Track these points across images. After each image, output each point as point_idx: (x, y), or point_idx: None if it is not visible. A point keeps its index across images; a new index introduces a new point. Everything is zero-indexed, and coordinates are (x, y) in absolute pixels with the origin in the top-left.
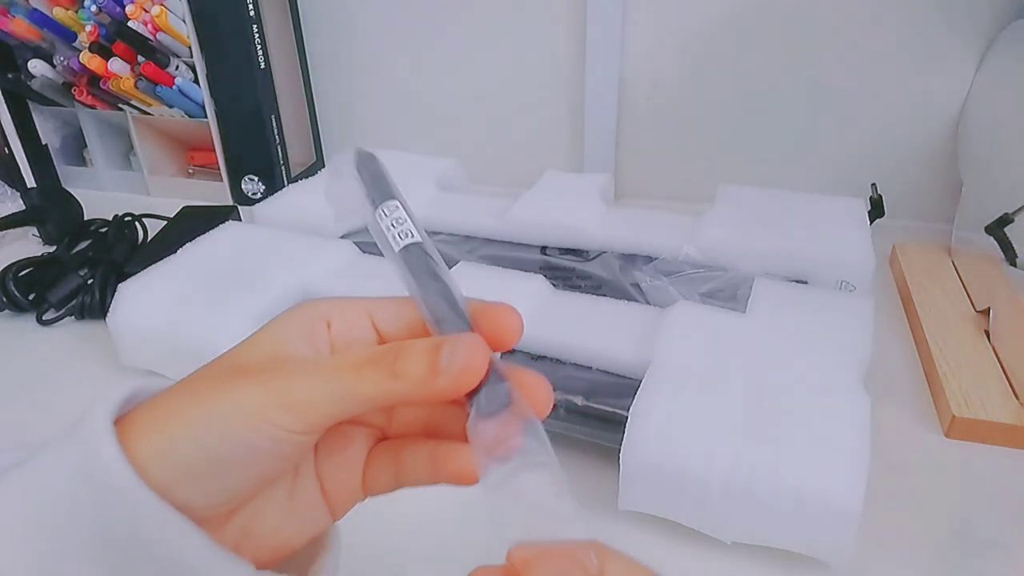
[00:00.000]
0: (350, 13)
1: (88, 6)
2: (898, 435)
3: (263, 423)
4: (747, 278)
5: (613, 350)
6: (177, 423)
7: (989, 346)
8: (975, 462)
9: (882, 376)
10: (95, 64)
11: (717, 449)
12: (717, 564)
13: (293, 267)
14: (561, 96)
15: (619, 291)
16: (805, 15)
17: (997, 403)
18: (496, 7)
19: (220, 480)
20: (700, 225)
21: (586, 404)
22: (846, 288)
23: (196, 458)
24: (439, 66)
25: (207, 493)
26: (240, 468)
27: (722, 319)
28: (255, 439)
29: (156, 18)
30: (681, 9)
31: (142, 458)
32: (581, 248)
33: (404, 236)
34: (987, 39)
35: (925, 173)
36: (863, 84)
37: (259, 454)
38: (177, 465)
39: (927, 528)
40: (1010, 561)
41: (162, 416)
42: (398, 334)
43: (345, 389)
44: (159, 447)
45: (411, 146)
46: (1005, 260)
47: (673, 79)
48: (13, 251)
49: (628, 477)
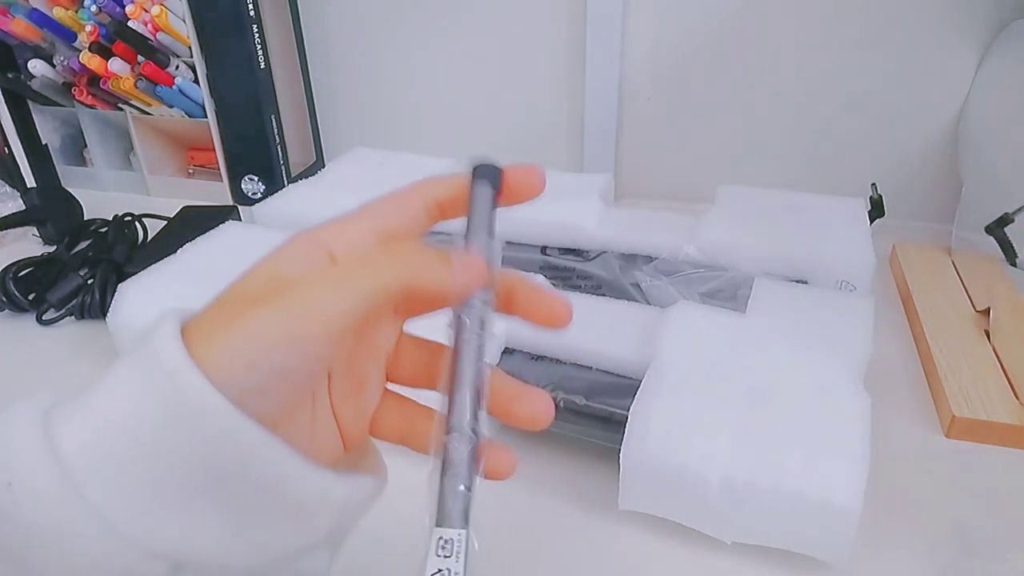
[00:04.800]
0: (350, 13)
1: (88, 6)
2: (898, 435)
3: (289, 343)
4: (747, 278)
5: (613, 350)
6: (224, 346)
7: (989, 346)
8: (975, 462)
9: (882, 376)
10: (95, 64)
11: (717, 449)
12: (717, 564)
13: None
14: (561, 96)
15: (619, 291)
16: (805, 15)
17: (997, 403)
18: (496, 7)
19: (265, 400)
20: (700, 225)
21: (586, 404)
22: (846, 288)
23: (247, 378)
24: (439, 66)
25: (258, 412)
26: (275, 388)
27: (722, 319)
28: (283, 359)
29: (156, 18)
30: (681, 9)
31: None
32: (581, 248)
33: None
34: (987, 39)
35: (925, 173)
36: (863, 84)
37: (288, 373)
38: (236, 384)
39: (927, 528)
40: (1009, 561)
41: (213, 340)
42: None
43: (357, 284)
44: (220, 370)
45: (411, 146)
46: (1005, 260)
47: (673, 79)
48: (13, 251)
49: (628, 477)
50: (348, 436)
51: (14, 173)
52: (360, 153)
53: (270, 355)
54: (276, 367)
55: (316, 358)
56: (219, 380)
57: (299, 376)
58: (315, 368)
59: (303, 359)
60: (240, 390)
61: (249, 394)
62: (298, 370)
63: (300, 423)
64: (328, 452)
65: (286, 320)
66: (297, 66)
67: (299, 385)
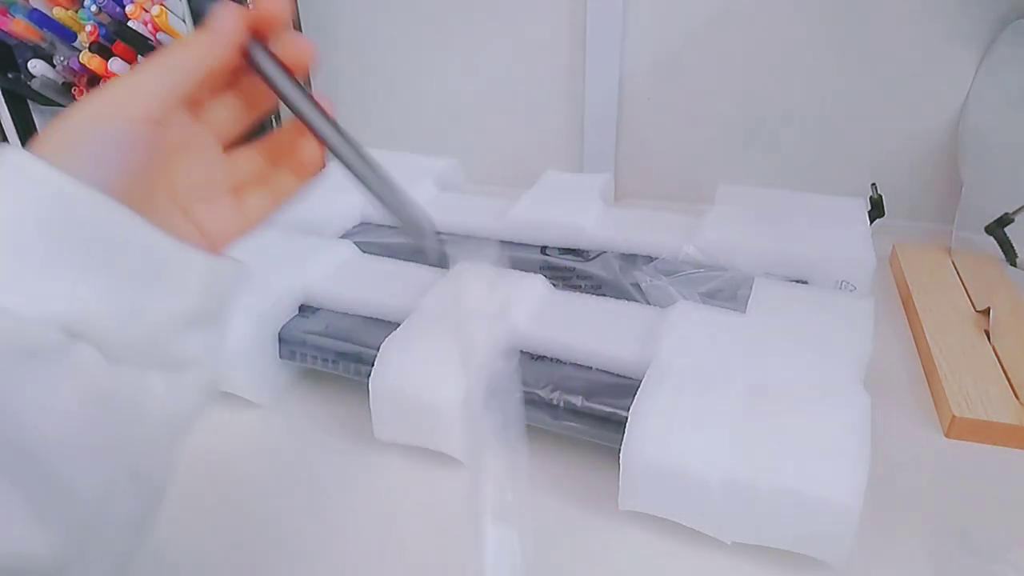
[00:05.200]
0: (350, 14)
1: (88, 6)
2: (898, 435)
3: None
4: (747, 278)
5: (613, 350)
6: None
7: (989, 346)
8: (975, 462)
9: (882, 376)
10: (95, 64)
11: (717, 449)
12: (717, 564)
13: (293, 267)
14: (561, 96)
15: (619, 291)
16: (805, 15)
17: (997, 403)
18: (496, 8)
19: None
20: (700, 225)
21: (586, 404)
22: (846, 288)
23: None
24: (439, 66)
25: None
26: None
27: (722, 319)
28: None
29: (156, 18)
30: (681, 9)
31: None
32: (581, 248)
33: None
34: (987, 39)
35: (925, 173)
36: (863, 84)
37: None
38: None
39: (927, 528)
40: (1010, 561)
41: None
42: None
43: (157, 67)
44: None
45: (411, 146)
46: (1005, 260)
47: (673, 79)
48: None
49: (628, 477)
50: (212, 241)
51: None
52: None
53: (91, 126)
54: (98, 137)
55: (130, 124)
56: (59, 160)
57: (122, 141)
58: (133, 134)
59: (119, 128)
60: (79, 162)
61: (89, 162)
62: (120, 138)
63: (155, 219)
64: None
65: (93, 106)
66: None
67: (126, 152)
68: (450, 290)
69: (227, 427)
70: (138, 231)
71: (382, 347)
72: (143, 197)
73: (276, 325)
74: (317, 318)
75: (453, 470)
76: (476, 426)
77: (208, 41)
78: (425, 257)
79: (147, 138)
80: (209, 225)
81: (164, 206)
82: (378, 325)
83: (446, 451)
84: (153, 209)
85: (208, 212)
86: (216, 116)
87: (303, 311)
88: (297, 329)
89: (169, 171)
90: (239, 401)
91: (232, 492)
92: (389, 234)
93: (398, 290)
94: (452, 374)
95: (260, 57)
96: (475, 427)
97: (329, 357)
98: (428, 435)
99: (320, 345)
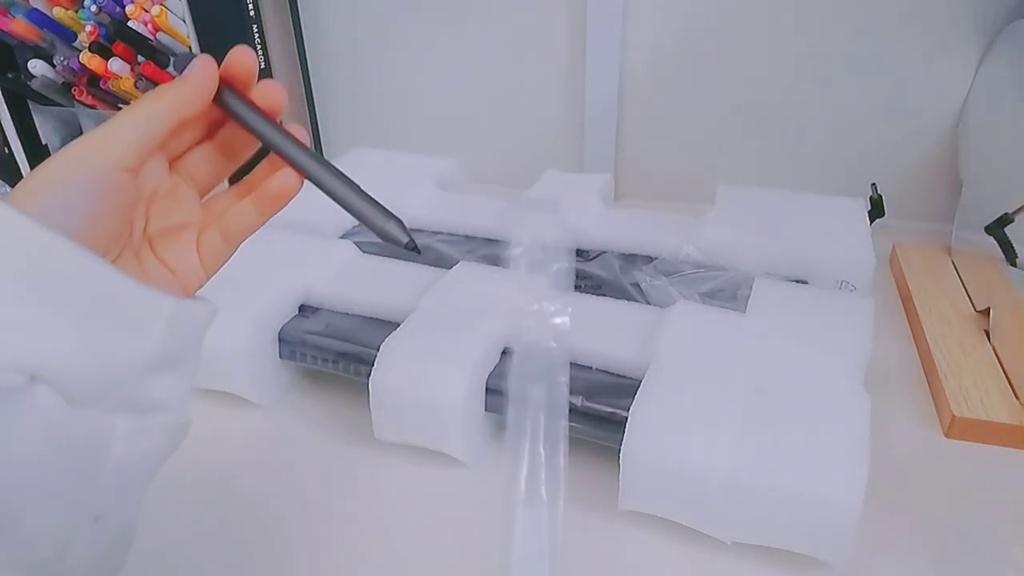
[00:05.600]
0: (350, 13)
1: (88, 6)
2: (898, 435)
3: (85, 163)
4: (747, 278)
5: (613, 350)
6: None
7: (989, 346)
8: (975, 462)
9: (882, 376)
10: (95, 64)
11: (717, 449)
12: (717, 564)
13: (293, 267)
14: (561, 96)
15: (619, 291)
16: (805, 16)
17: (997, 403)
18: (496, 7)
19: (72, 213)
20: (700, 225)
21: (586, 404)
22: (846, 288)
23: (51, 196)
24: (439, 66)
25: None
26: (77, 204)
27: (722, 319)
28: (73, 176)
29: (156, 18)
30: (681, 9)
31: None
32: (581, 248)
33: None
34: (987, 39)
35: (925, 173)
36: (863, 84)
37: (81, 187)
38: (43, 203)
39: (927, 527)
40: (1010, 561)
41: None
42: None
43: (132, 116)
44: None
45: (411, 146)
46: (1005, 260)
47: (673, 79)
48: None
49: (628, 477)
50: (185, 282)
51: (14, 173)
52: (360, 153)
53: (63, 175)
54: (70, 183)
55: (101, 171)
56: (27, 205)
57: (92, 190)
58: (104, 181)
59: (90, 176)
60: (47, 208)
61: (57, 207)
62: (90, 187)
63: (127, 266)
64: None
65: (68, 154)
66: (297, 66)
67: (96, 200)
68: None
69: (227, 427)
70: (101, 275)
71: (382, 347)
72: (113, 240)
73: (276, 325)
74: (317, 318)
75: (453, 470)
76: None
77: (180, 91)
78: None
79: (119, 185)
80: (180, 266)
81: (137, 247)
82: (378, 325)
83: (446, 451)
84: (123, 251)
85: (180, 253)
86: (195, 166)
87: (303, 311)
88: (297, 329)
89: (145, 215)
90: (239, 401)
91: (232, 492)
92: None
93: (398, 290)
94: (452, 374)
95: (232, 102)
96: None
97: (329, 357)
98: (428, 435)
99: (320, 345)
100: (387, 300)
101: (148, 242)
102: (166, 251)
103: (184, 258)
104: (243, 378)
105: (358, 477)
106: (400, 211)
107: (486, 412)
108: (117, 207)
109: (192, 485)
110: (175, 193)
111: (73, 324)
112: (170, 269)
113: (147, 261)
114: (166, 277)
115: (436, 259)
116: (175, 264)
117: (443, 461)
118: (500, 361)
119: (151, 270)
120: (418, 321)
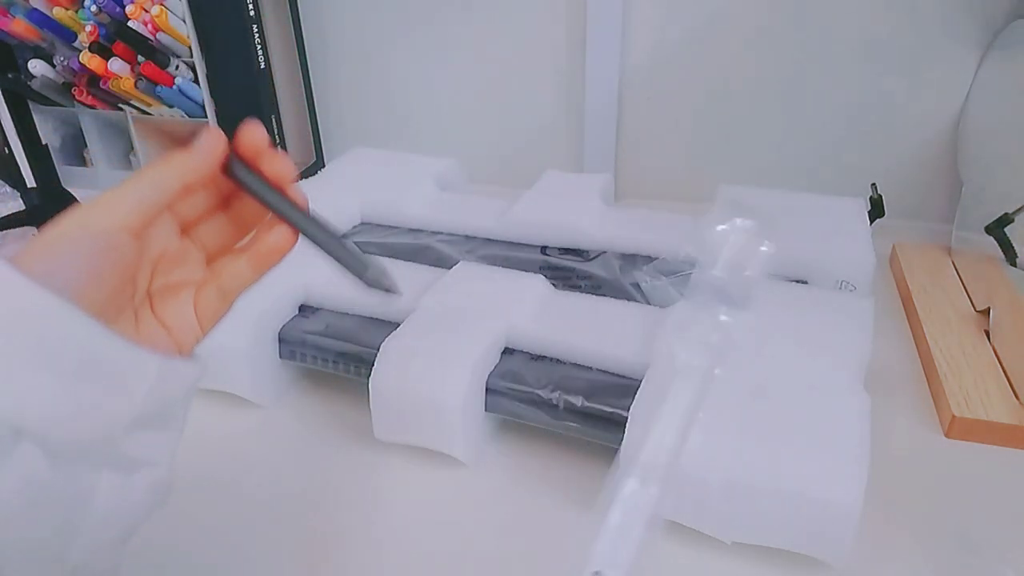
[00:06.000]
0: (350, 13)
1: (88, 6)
2: (898, 435)
3: (87, 223)
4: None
5: (613, 350)
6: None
7: (989, 346)
8: (975, 462)
9: (882, 376)
10: (95, 64)
11: (717, 449)
12: (717, 564)
13: (293, 267)
14: (561, 96)
15: (619, 291)
16: (805, 16)
17: (997, 403)
18: (496, 8)
19: (68, 273)
20: (700, 225)
21: (586, 404)
22: (846, 288)
23: (48, 262)
24: (439, 66)
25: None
26: (72, 265)
27: (722, 319)
28: (69, 244)
29: (156, 18)
30: (681, 9)
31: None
32: (581, 248)
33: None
34: (987, 39)
35: (925, 173)
36: (863, 84)
37: (97, 257)
38: (41, 267)
39: (927, 528)
40: (1009, 561)
41: (32, 247)
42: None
43: (137, 180)
44: (28, 259)
45: (411, 146)
46: (1005, 260)
47: (673, 79)
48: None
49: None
50: (180, 340)
51: (14, 173)
52: (360, 153)
53: (66, 234)
54: (71, 241)
55: (104, 234)
56: (26, 266)
57: (91, 248)
58: (105, 243)
59: (90, 235)
60: (45, 268)
61: (56, 268)
62: (90, 245)
63: (125, 324)
64: (159, 349)
65: (73, 215)
66: (297, 66)
67: (96, 259)
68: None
69: (227, 427)
70: (89, 334)
71: (382, 347)
72: (113, 297)
73: (276, 325)
74: (317, 318)
75: (453, 470)
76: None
77: (187, 158)
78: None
79: (119, 245)
80: (177, 323)
81: (136, 305)
82: (378, 325)
83: (446, 451)
84: (120, 309)
85: (177, 311)
86: (207, 234)
87: (303, 311)
88: (297, 329)
89: (150, 275)
90: (239, 401)
91: (232, 492)
92: (389, 234)
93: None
94: (452, 374)
95: (239, 171)
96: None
97: (329, 357)
98: (428, 435)
99: (320, 345)
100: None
101: (148, 299)
102: (164, 308)
103: (181, 315)
104: (243, 378)
105: (358, 477)
106: (400, 211)
107: (486, 412)
108: (116, 266)
109: (192, 485)
110: (184, 256)
111: (59, 382)
112: (166, 327)
113: (144, 318)
114: (161, 335)
115: (436, 259)
116: (172, 321)
117: (443, 461)
118: (500, 361)
119: (147, 328)
120: (418, 321)
